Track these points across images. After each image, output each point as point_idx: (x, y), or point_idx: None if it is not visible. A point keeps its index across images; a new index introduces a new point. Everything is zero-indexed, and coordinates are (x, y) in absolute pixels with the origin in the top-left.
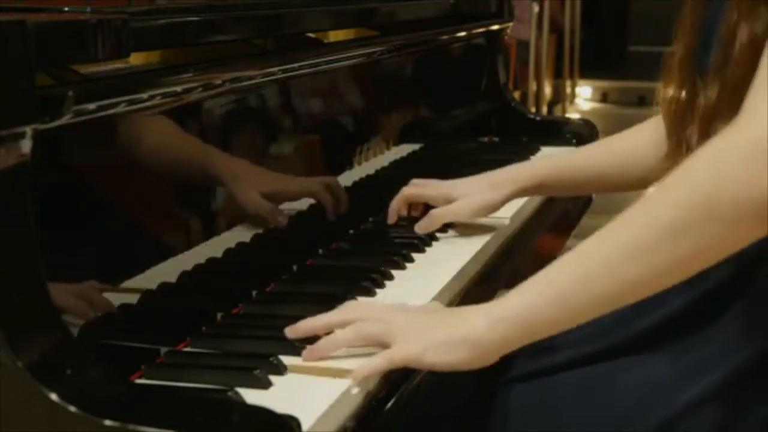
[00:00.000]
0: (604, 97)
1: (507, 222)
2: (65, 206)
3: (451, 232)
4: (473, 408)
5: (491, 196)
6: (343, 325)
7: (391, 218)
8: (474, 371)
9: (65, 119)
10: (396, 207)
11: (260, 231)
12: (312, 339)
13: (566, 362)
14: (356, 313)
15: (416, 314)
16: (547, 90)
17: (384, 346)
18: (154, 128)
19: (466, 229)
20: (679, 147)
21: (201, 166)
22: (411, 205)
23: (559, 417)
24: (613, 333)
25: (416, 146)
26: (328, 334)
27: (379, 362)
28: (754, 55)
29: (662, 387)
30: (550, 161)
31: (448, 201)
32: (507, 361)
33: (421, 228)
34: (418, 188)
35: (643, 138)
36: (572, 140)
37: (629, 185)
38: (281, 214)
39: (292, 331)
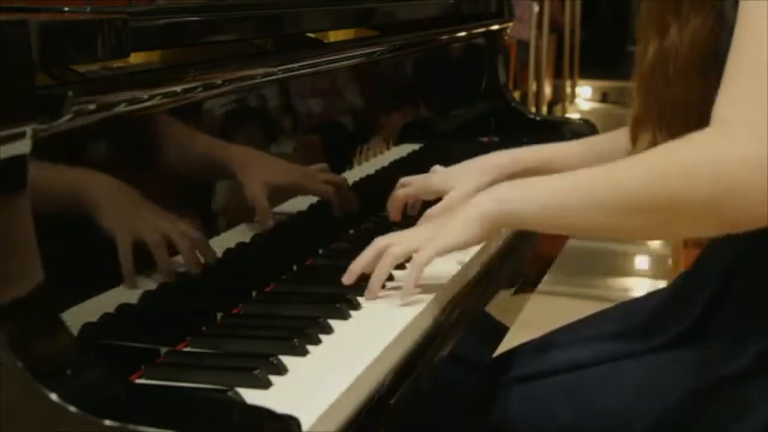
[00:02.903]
0: (604, 97)
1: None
2: (65, 206)
3: None
4: (474, 407)
5: (476, 183)
6: (378, 257)
7: (394, 218)
8: (475, 373)
9: (65, 119)
10: (396, 210)
11: (260, 231)
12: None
13: (564, 364)
14: (383, 242)
15: (432, 221)
16: (547, 90)
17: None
18: (153, 128)
19: None
20: None
21: (183, 172)
22: (407, 204)
23: (557, 418)
24: (610, 339)
25: (416, 146)
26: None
27: (412, 274)
28: (662, 68)
29: (657, 388)
30: (534, 150)
31: (436, 194)
32: (507, 361)
33: None
34: (407, 189)
35: (625, 141)
36: (572, 140)
37: None
38: (270, 216)
39: (347, 278)
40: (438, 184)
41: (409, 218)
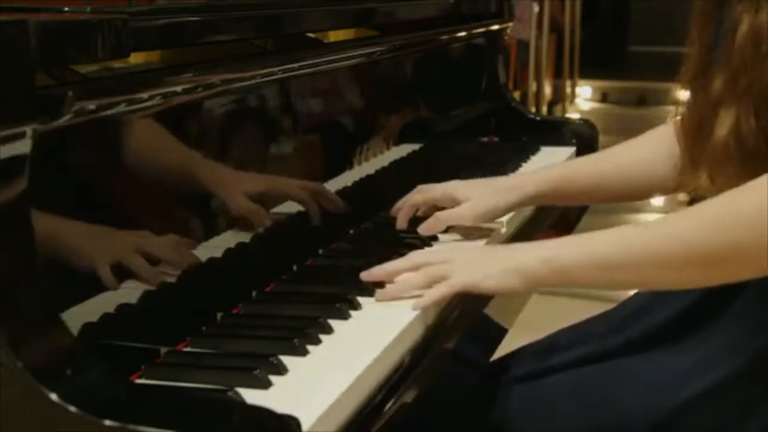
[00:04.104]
0: (604, 97)
1: (503, 227)
2: (65, 207)
3: (451, 234)
4: (474, 407)
5: (495, 201)
6: (411, 269)
7: (401, 225)
8: (475, 373)
9: (65, 119)
10: (404, 215)
11: (260, 231)
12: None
13: (565, 363)
14: (422, 258)
15: (475, 251)
16: (547, 90)
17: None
18: (152, 128)
19: (466, 231)
20: (693, 165)
21: (184, 171)
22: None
23: (557, 417)
24: (612, 335)
25: (416, 146)
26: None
27: (442, 289)
28: (754, 43)
29: (661, 386)
30: (555, 171)
31: (453, 202)
32: (508, 361)
33: (424, 230)
34: (424, 194)
35: (648, 150)
36: (572, 140)
37: (631, 196)
38: (265, 215)
39: (367, 276)
40: (460, 193)
41: (414, 219)
